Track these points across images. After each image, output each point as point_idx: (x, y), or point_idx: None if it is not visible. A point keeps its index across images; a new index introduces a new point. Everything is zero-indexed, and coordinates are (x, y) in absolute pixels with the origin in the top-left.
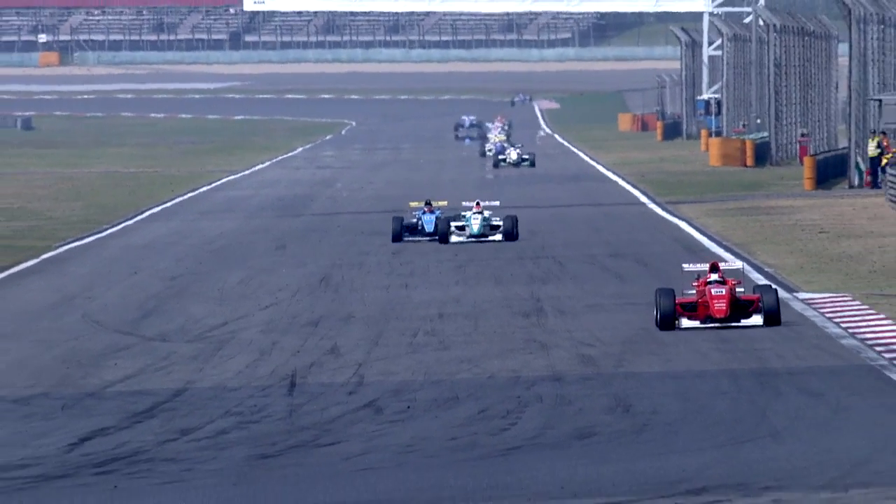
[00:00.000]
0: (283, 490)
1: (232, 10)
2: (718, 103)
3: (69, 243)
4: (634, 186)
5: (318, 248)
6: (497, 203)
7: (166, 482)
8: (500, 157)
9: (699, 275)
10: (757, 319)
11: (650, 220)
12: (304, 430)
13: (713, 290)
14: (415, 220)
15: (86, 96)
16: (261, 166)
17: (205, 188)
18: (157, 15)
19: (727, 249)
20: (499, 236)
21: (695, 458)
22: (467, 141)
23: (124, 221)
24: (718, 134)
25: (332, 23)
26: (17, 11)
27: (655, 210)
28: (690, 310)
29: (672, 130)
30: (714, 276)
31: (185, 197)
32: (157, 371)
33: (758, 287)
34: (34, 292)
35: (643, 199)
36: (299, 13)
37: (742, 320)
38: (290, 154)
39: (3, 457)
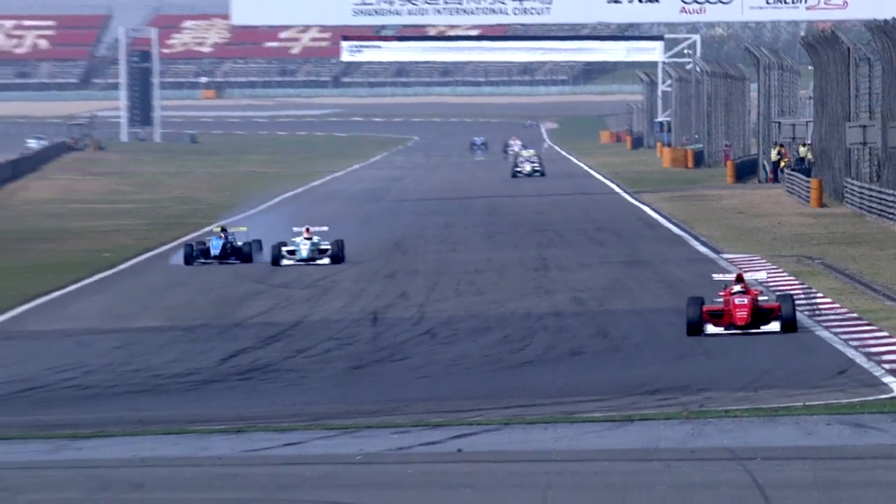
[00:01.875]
0: (368, 390)
1: (333, 60)
2: (669, 124)
3: (221, 221)
4: (611, 181)
5: (392, 223)
6: (326, 228)
7: (288, 385)
8: (517, 169)
9: (725, 284)
10: (775, 326)
11: (622, 204)
12: (383, 350)
13: (736, 300)
14: (205, 245)
15: (233, 119)
16: (353, 168)
17: (315, 183)
18: (283, 63)
19: (675, 224)
20: (327, 259)
21: (652, 368)
22: (478, 153)
23: (261, 205)
24: (669, 145)
25: (403, 69)
26: (186, 61)
27: (626, 197)
28: (717, 317)
29: (637, 143)
30: (738, 287)
31: (302, 189)
32: (281, 309)
33: (779, 297)
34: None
35: (617, 189)
36: (380, 62)
37: (762, 327)
38: (373, 160)
39: (176, 368)
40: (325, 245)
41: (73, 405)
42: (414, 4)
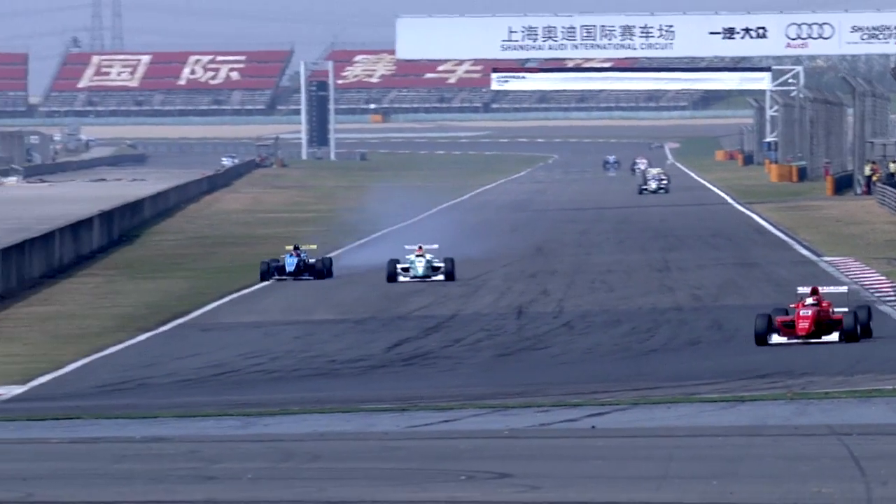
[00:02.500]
0: (514, 375)
1: (484, 89)
2: (776, 143)
3: (384, 229)
4: (725, 193)
5: (535, 230)
6: (436, 246)
7: (445, 370)
8: (644, 186)
9: (801, 296)
10: (835, 337)
11: (734, 213)
12: (526, 340)
13: (801, 312)
14: (279, 262)
15: (397, 140)
16: (500, 182)
17: (468, 195)
18: (440, 92)
19: (781, 231)
20: (441, 276)
21: (761, 356)
22: (611, 171)
23: (422, 214)
24: (775, 162)
25: (545, 96)
26: (357, 90)
27: (737, 207)
28: (790, 327)
29: (748, 160)
30: (810, 300)
31: (457, 200)
32: (438, 304)
33: (850, 310)
34: (368, 254)
35: (730, 200)
36: (525, 90)
37: (823, 337)
38: (517, 175)
39: (348, 354)
40: (439, 263)
41: (260, 387)
42: (554, 41)
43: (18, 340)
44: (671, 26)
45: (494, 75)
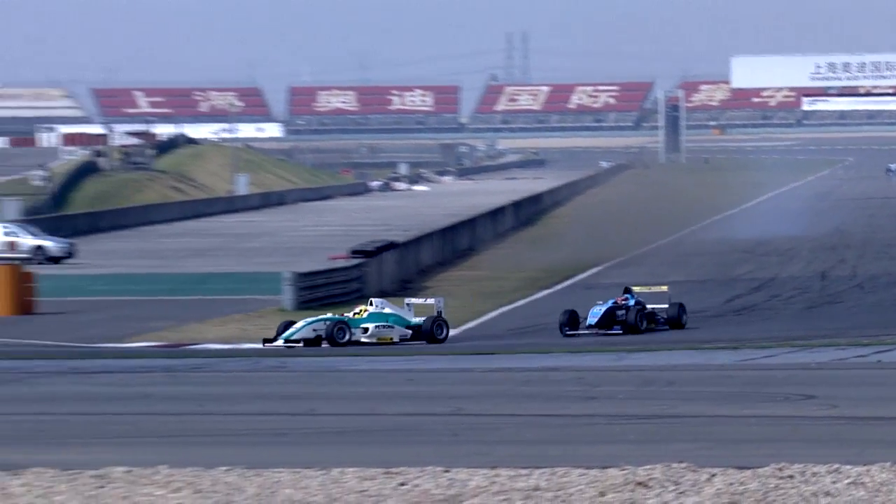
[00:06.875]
0: (818, 322)
1: (797, 110)
2: None
3: (723, 213)
4: None
5: (834, 214)
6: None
7: (766, 319)
8: None
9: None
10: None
11: None
12: (828, 296)
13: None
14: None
15: (731, 148)
16: (809, 179)
17: (784, 189)
18: (763, 112)
19: None
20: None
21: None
22: (893, 178)
23: (750, 202)
24: None
25: (843, 114)
26: (701, 111)
27: None
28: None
29: None
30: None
31: (775, 192)
32: (761, 269)
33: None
34: (715, 231)
35: None
36: (828, 110)
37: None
38: (821, 174)
39: (697, 306)
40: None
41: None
42: (849, 73)
43: (452, 296)
44: None
45: (805, 99)
